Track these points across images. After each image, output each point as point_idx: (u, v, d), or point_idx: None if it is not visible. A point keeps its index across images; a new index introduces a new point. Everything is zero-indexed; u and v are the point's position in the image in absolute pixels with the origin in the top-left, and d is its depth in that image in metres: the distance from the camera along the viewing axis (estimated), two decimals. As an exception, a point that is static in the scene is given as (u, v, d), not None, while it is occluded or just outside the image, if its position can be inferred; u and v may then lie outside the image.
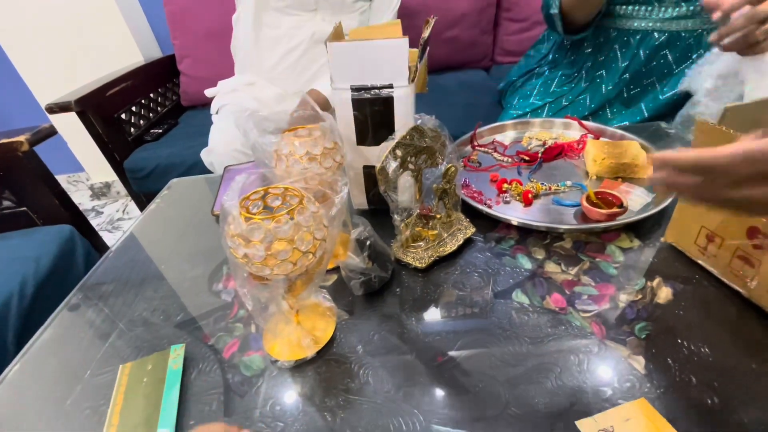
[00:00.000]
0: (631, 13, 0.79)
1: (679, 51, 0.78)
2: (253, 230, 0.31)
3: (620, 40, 0.82)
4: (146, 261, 0.61)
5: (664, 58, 0.80)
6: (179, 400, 0.40)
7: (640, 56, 0.80)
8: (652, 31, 0.78)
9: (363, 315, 0.46)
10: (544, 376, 0.37)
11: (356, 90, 0.49)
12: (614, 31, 0.82)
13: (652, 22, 0.78)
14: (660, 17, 0.77)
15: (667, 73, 0.81)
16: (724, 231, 0.40)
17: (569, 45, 0.92)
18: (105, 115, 1.15)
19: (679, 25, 0.76)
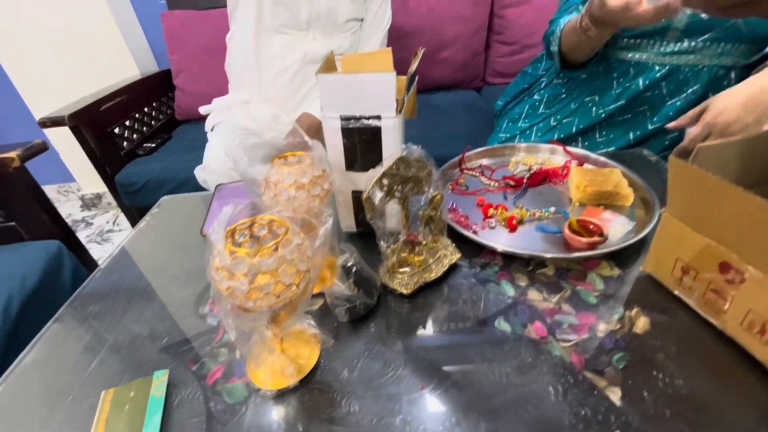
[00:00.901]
0: (633, 45, 0.80)
1: (674, 84, 0.80)
2: (237, 264, 0.31)
3: (619, 69, 0.84)
4: (133, 281, 0.61)
5: (658, 90, 0.81)
6: (161, 428, 0.40)
7: (637, 86, 0.82)
8: (653, 63, 0.80)
9: (348, 341, 0.47)
10: (523, 408, 0.38)
11: (345, 119, 0.50)
12: (615, 61, 0.84)
13: (653, 55, 0.79)
14: (662, 51, 0.79)
15: (659, 104, 0.83)
16: (698, 264, 0.41)
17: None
18: (98, 129, 1.16)
19: (680, 60, 0.78)
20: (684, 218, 0.42)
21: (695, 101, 0.78)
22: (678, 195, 0.41)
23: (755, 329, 0.37)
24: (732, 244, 0.37)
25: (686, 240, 0.42)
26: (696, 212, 0.40)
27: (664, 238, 0.45)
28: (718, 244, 0.39)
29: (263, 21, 1.05)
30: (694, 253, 0.41)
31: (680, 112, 0.79)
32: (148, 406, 0.42)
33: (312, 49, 1.08)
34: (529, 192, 0.69)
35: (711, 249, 0.39)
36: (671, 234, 0.44)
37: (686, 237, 0.41)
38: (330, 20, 1.07)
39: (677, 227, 0.42)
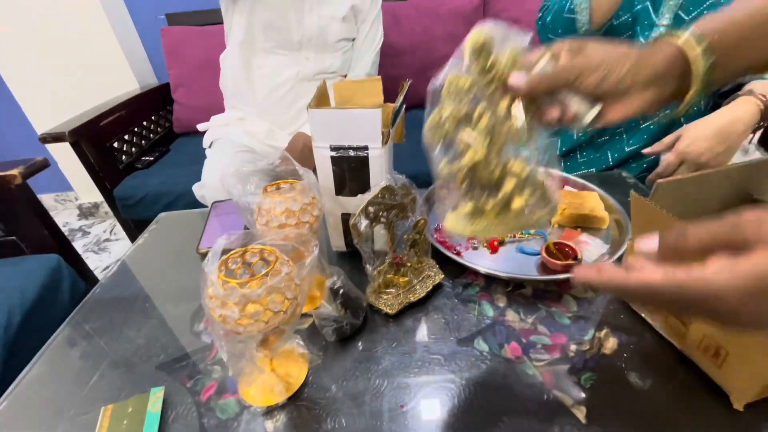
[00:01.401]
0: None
1: None
2: (229, 294, 0.34)
3: None
4: (131, 297, 0.64)
5: None
6: None
7: None
8: None
9: (335, 360, 0.49)
10: (495, 425, 0.41)
11: (335, 149, 0.53)
12: None
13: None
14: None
15: (634, 126, 0.86)
16: None
17: None
18: (98, 144, 1.19)
19: None
20: None
21: (667, 125, 0.82)
22: (639, 226, 0.44)
23: (710, 353, 0.40)
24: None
25: None
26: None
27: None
28: None
29: (255, 43, 1.08)
30: None
31: (654, 135, 0.83)
32: (145, 421, 0.44)
33: (304, 68, 1.11)
34: (512, 213, 0.72)
35: (670, 277, 0.42)
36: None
37: None
38: (321, 40, 1.10)
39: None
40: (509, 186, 0.36)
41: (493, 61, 0.33)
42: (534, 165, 0.37)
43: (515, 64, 0.34)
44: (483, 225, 0.36)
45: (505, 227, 0.37)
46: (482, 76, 0.34)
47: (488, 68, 0.33)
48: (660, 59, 0.33)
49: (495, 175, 0.36)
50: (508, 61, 0.34)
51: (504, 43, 0.34)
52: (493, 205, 0.36)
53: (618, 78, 0.33)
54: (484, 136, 0.34)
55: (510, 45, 0.34)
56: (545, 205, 0.38)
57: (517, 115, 0.34)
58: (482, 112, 0.34)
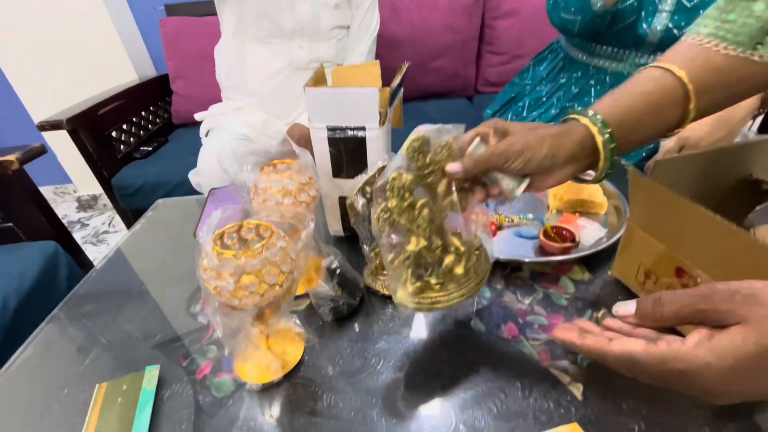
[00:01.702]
0: (609, 53, 0.84)
1: None
2: (224, 264, 0.34)
3: (596, 77, 0.87)
4: (128, 281, 0.64)
5: None
6: (151, 420, 0.42)
7: None
8: (627, 74, 0.83)
9: (331, 339, 0.49)
10: (491, 401, 0.40)
11: (332, 130, 0.53)
12: (592, 68, 0.87)
13: (628, 66, 0.83)
14: (636, 62, 0.82)
15: None
16: (657, 269, 0.44)
17: (546, 74, 0.98)
18: (96, 133, 1.18)
19: None
20: (644, 226, 0.45)
21: None
22: (637, 205, 0.44)
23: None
24: (684, 251, 0.40)
25: (646, 246, 0.45)
26: (653, 221, 0.43)
27: (629, 245, 0.48)
28: (673, 250, 0.42)
29: (247, 32, 1.08)
30: (653, 258, 0.44)
31: None
32: (139, 398, 0.44)
33: (298, 57, 1.11)
34: (511, 199, 0.72)
35: (667, 255, 0.42)
36: (634, 240, 0.47)
37: (646, 243, 0.44)
38: (314, 28, 1.10)
39: (639, 234, 0.45)
40: (449, 260, 0.41)
41: (430, 158, 0.39)
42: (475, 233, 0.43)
43: (450, 154, 0.39)
44: (429, 301, 0.40)
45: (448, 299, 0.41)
46: (421, 171, 0.39)
47: (426, 165, 0.39)
48: (573, 141, 0.38)
49: (437, 254, 0.40)
50: (444, 152, 0.39)
51: (439, 138, 0.39)
52: (436, 281, 0.41)
53: (539, 161, 0.38)
54: (426, 224, 0.39)
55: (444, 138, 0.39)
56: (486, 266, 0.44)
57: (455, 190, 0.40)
58: (423, 204, 0.39)
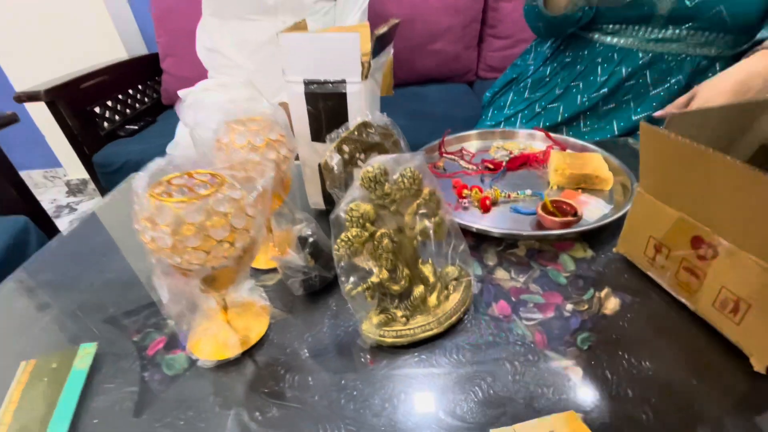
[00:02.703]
0: (618, 30, 0.79)
1: (658, 73, 0.78)
2: (160, 212, 0.29)
3: (604, 54, 0.82)
4: (90, 251, 0.59)
5: (642, 78, 0.80)
6: (84, 401, 0.37)
7: (620, 73, 0.80)
8: (636, 50, 0.78)
9: (301, 316, 0.44)
10: (477, 385, 0.35)
11: (309, 84, 0.47)
12: (600, 46, 0.82)
13: (638, 42, 0.78)
14: (646, 37, 0.77)
15: (643, 93, 0.81)
16: (670, 240, 0.39)
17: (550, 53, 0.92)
18: (77, 107, 1.13)
19: (663, 47, 0.76)
20: (655, 191, 0.39)
21: (678, 92, 0.77)
22: (649, 165, 0.39)
23: (728, 308, 0.35)
24: (704, 217, 0.35)
25: (658, 215, 0.39)
26: (667, 183, 0.37)
27: (637, 216, 0.43)
28: (690, 217, 0.36)
29: (228, 10, 1.03)
30: (666, 228, 0.39)
31: (664, 102, 0.77)
32: (67, 379, 0.39)
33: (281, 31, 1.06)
34: (508, 175, 0.66)
35: (682, 223, 0.37)
36: (644, 210, 0.41)
37: (658, 212, 0.39)
38: (297, 3, 1.05)
39: (649, 202, 0.40)
40: (418, 291, 0.40)
41: (390, 188, 0.37)
42: (445, 264, 0.42)
43: (414, 182, 0.37)
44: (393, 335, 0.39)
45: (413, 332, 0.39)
46: (381, 200, 0.37)
47: (386, 194, 0.37)
48: None
49: (403, 285, 0.39)
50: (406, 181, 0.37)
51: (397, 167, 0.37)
52: (402, 313, 0.40)
53: None
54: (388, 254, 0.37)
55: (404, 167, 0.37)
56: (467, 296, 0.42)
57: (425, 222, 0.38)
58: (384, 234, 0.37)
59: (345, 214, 0.37)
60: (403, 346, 0.39)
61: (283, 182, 0.48)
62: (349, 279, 0.38)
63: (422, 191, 0.40)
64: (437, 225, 0.40)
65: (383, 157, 0.37)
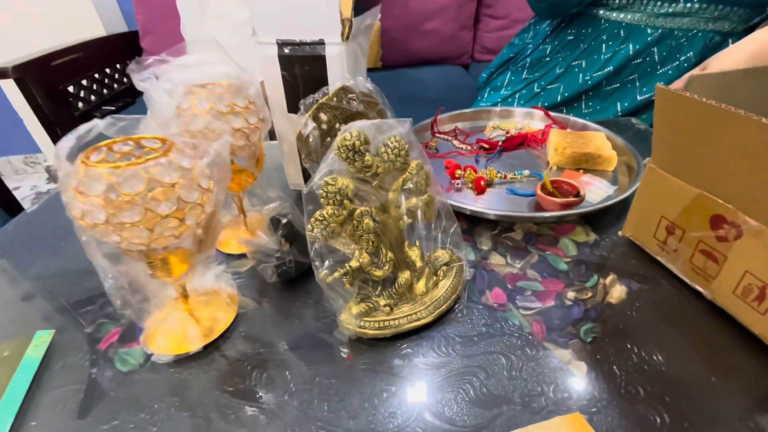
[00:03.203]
0: (624, 5, 0.74)
1: (667, 50, 0.73)
2: (90, 181, 0.24)
3: (609, 31, 0.77)
4: (52, 232, 0.54)
5: (650, 56, 0.75)
6: (32, 396, 0.33)
7: (627, 50, 0.75)
8: (645, 26, 0.73)
9: (274, 306, 0.39)
10: (468, 382, 0.31)
11: (283, 45, 0.42)
12: (605, 22, 0.77)
13: (646, 17, 0.73)
14: (655, 12, 0.72)
15: (650, 72, 0.76)
16: (685, 221, 0.35)
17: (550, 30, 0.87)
18: (48, 86, 1.06)
19: (673, 22, 0.71)
20: (670, 166, 0.35)
21: (687, 71, 0.72)
22: (665, 135, 0.34)
23: (751, 296, 0.31)
24: (726, 193, 0.31)
25: (672, 193, 0.35)
26: (685, 156, 0.33)
27: (647, 194, 0.39)
28: (710, 194, 0.32)
29: None
30: (681, 207, 0.35)
31: (672, 81, 0.72)
32: (18, 368, 0.34)
33: None
34: (504, 156, 0.62)
35: (701, 201, 0.33)
36: (655, 188, 0.37)
37: (673, 189, 0.35)
38: None
39: (662, 179, 0.36)
40: (403, 278, 0.36)
41: (370, 159, 0.32)
42: (435, 247, 0.39)
43: (401, 153, 0.33)
44: (376, 325, 0.35)
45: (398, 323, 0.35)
46: (361, 174, 0.33)
47: (367, 166, 0.32)
48: None
49: (386, 271, 0.35)
50: (391, 152, 0.33)
51: (380, 135, 0.33)
52: (386, 302, 0.36)
53: None
54: (370, 235, 0.33)
55: (389, 135, 0.33)
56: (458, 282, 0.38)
57: (412, 199, 0.34)
58: (364, 212, 0.33)
59: (320, 189, 0.32)
60: (386, 338, 0.35)
61: (256, 157, 0.43)
62: (324, 263, 0.34)
63: (409, 164, 0.35)
64: (426, 203, 0.36)
65: (363, 122, 0.33)
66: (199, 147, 0.30)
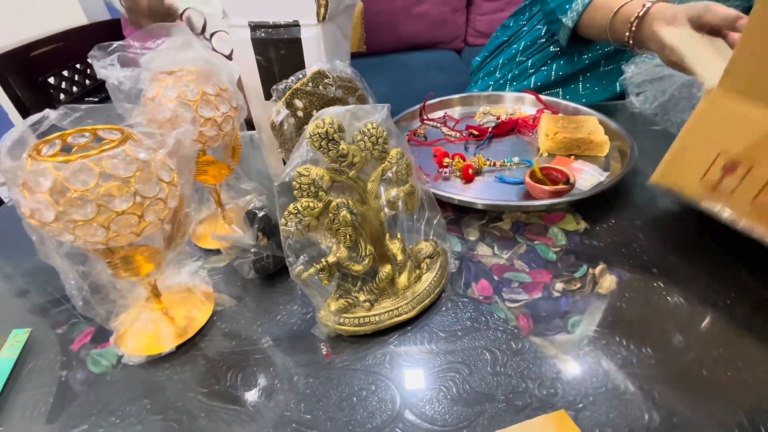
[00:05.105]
0: None
1: None
2: (37, 175, 0.22)
3: None
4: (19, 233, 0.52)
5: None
6: (4, 397, 0.31)
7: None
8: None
9: (252, 303, 0.38)
10: (451, 379, 0.30)
11: (256, 28, 0.40)
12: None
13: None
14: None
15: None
16: (754, 154, 0.32)
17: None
18: (27, 77, 1.03)
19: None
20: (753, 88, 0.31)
21: None
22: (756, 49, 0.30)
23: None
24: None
25: (746, 122, 0.32)
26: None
27: (703, 128, 0.35)
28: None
29: None
30: (752, 139, 0.32)
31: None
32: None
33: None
34: (494, 143, 0.60)
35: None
36: (718, 118, 0.34)
37: (746, 117, 0.32)
38: None
39: (729, 106, 0.33)
40: (383, 273, 0.34)
41: (345, 148, 0.30)
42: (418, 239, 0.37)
43: (379, 140, 0.31)
44: (356, 322, 0.33)
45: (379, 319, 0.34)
46: (337, 163, 0.31)
47: (342, 155, 0.31)
48: None
49: (366, 265, 0.33)
50: (368, 140, 0.31)
51: (355, 121, 0.31)
52: (366, 297, 0.34)
53: None
54: (346, 228, 0.32)
55: (365, 122, 0.31)
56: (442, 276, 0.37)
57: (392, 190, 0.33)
58: (340, 204, 0.31)
59: (293, 180, 0.31)
60: (366, 335, 0.34)
61: (231, 148, 0.42)
62: (299, 259, 0.32)
63: (388, 153, 0.33)
64: (407, 194, 0.34)
65: (337, 108, 0.31)
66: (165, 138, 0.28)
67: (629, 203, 0.46)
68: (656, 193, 0.46)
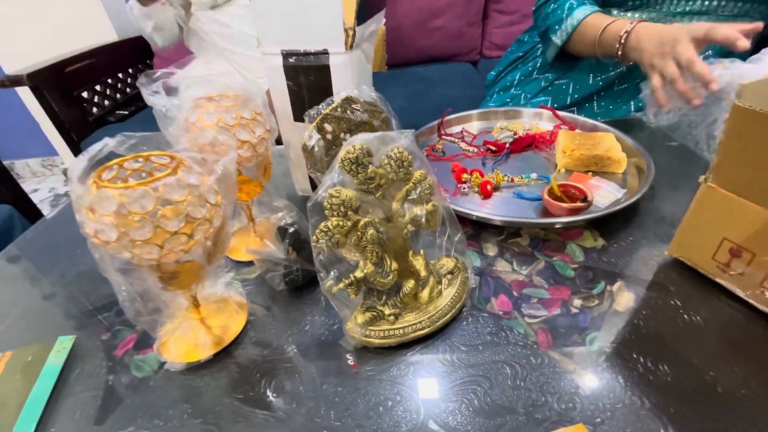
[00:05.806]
0: (639, 4, 0.72)
1: None
2: (102, 200, 0.25)
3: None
4: (69, 240, 0.56)
5: None
6: (53, 400, 0.34)
7: None
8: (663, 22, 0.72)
9: (282, 313, 0.40)
10: (472, 392, 0.31)
11: (288, 56, 0.43)
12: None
13: (662, 16, 0.71)
14: (671, 11, 0.70)
15: None
16: (756, 245, 0.33)
17: None
18: (63, 92, 1.09)
19: (691, 21, 0.70)
20: (738, 187, 0.34)
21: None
22: (735, 154, 0.32)
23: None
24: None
25: (739, 215, 0.34)
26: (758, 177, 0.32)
27: (704, 214, 0.37)
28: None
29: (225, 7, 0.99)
30: (751, 230, 0.33)
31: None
32: (40, 374, 0.36)
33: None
34: (511, 158, 0.62)
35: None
36: (715, 208, 0.36)
37: (740, 211, 0.34)
38: None
39: (726, 200, 0.35)
40: (408, 287, 0.36)
41: (373, 171, 0.33)
42: (439, 255, 0.40)
43: (403, 164, 0.33)
44: (382, 335, 0.35)
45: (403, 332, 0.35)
46: (364, 186, 0.33)
47: (370, 178, 0.33)
48: None
49: (390, 281, 0.35)
50: (394, 164, 0.33)
51: (383, 147, 0.33)
52: (390, 311, 0.36)
53: None
54: (374, 246, 0.33)
55: (391, 147, 0.33)
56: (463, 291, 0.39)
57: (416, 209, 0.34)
58: (368, 223, 0.33)
59: (324, 201, 0.33)
60: (391, 347, 0.35)
61: (263, 167, 0.44)
62: (329, 274, 0.34)
63: (412, 175, 0.35)
64: (430, 213, 0.36)
65: (366, 135, 0.33)
66: (207, 161, 0.30)
67: (646, 220, 0.47)
68: (673, 210, 0.47)
